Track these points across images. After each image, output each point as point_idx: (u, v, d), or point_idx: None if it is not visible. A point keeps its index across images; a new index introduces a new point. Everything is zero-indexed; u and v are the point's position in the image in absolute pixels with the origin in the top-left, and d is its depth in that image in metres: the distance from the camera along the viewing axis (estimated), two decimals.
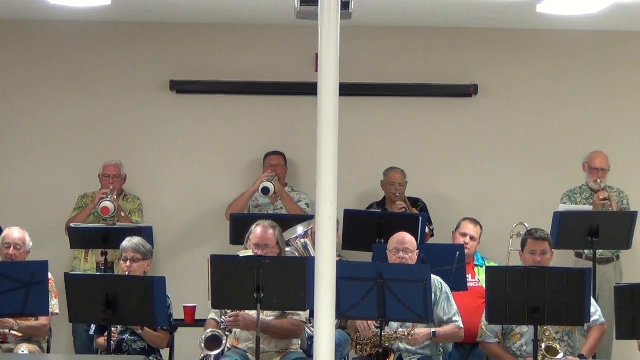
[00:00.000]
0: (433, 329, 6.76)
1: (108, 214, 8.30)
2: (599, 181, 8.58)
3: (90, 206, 8.52)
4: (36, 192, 9.14)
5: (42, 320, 7.16)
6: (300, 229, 7.35)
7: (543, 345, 6.56)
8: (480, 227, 7.96)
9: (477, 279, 7.75)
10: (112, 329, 6.66)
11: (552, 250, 7.06)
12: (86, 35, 9.22)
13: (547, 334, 6.66)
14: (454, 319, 6.85)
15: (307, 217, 7.96)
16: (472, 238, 7.85)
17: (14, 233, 7.40)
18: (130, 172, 8.89)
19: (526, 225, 7.91)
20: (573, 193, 8.72)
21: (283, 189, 8.80)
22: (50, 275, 7.09)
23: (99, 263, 8.26)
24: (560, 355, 6.59)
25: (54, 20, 9.06)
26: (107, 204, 8.30)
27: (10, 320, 7.03)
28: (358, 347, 6.86)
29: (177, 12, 8.92)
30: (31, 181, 9.19)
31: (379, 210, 8.66)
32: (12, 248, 7.32)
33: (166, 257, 9.06)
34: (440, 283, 6.89)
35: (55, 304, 7.26)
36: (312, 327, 6.00)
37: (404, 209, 8.66)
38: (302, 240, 7.33)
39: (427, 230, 8.35)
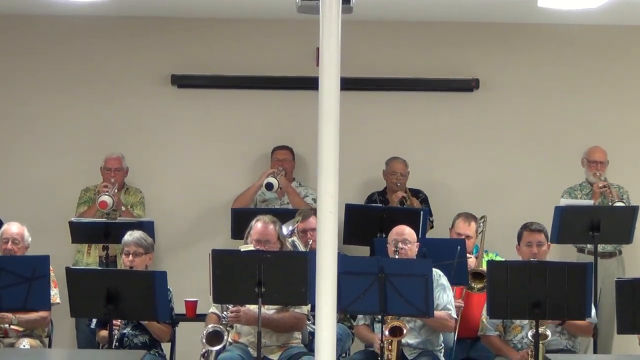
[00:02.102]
0: None
1: (106, 208, 8.29)
2: (598, 174, 8.59)
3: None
4: (39, 186, 9.15)
5: (42, 312, 7.16)
6: (284, 230, 7.32)
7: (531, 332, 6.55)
8: (475, 220, 7.93)
9: None
10: (116, 321, 6.68)
11: (548, 242, 7.08)
12: (87, 30, 9.22)
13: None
14: (448, 307, 6.84)
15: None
16: (467, 237, 7.80)
17: (13, 228, 7.39)
18: (132, 166, 8.89)
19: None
20: (573, 190, 8.72)
21: (289, 184, 8.78)
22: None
23: (102, 257, 8.27)
24: (549, 338, 6.59)
25: (55, 15, 9.06)
26: (105, 198, 8.28)
27: (10, 315, 7.03)
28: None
29: (177, 6, 8.92)
30: (33, 175, 9.19)
31: (380, 205, 8.66)
32: (10, 243, 7.31)
33: (168, 251, 9.06)
34: (439, 275, 6.89)
35: (55, 294, 7.26)
36: (313, 323, 6.01)
37: (403, 198, 8.67)
38: (290, 240, 7.32)
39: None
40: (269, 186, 8.56)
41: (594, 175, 8.63)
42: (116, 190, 8.50)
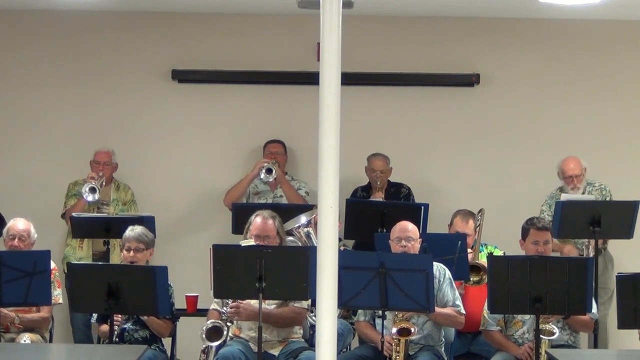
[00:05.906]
0: None
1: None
2: (578, 187, 8.47)
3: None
4: (38, 181, 9.15)
5: (43, 312, 7.17)
6: (303, 219, 7.36)
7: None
8: (473, 217, 7.90)
9: None
10: (117, 316, 6.68)
11: (553, 238, 7.08)
12: (87, 25, 9.22)
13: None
14: (457, 302, 6.85)
15: (307, 207, 7.96)
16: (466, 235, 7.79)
17: (19, 224, 7.37)
18: (132, 161, 8.90)
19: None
20: (551, 198, 8.60)
21: (283, 176, 8.83)
22: (53, 265, 7.10)
23: (95, 252, 8.29)
24: (555, 336, 6.59)
25: (55, 10, 9.07)
26: (91, 186, 8.30)
27: (12, 314, 7.03)
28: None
29: (178, 1, 8.93)
30: (33, 171, 9.19)
31: (381, 200, 8.66)
32: (16, 239, 7.31)
33: (168, 246, 9.05)
34: (444, 269, 6.90)
35: (58, 294, 7.27)
36: (314, 316, 6.01)
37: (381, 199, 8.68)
38: (305, 230, 7.34)
39: None
40: (269, 170, 8.61)
41: (573, 190, 8.47)
42: (104, 184, 8.49)
